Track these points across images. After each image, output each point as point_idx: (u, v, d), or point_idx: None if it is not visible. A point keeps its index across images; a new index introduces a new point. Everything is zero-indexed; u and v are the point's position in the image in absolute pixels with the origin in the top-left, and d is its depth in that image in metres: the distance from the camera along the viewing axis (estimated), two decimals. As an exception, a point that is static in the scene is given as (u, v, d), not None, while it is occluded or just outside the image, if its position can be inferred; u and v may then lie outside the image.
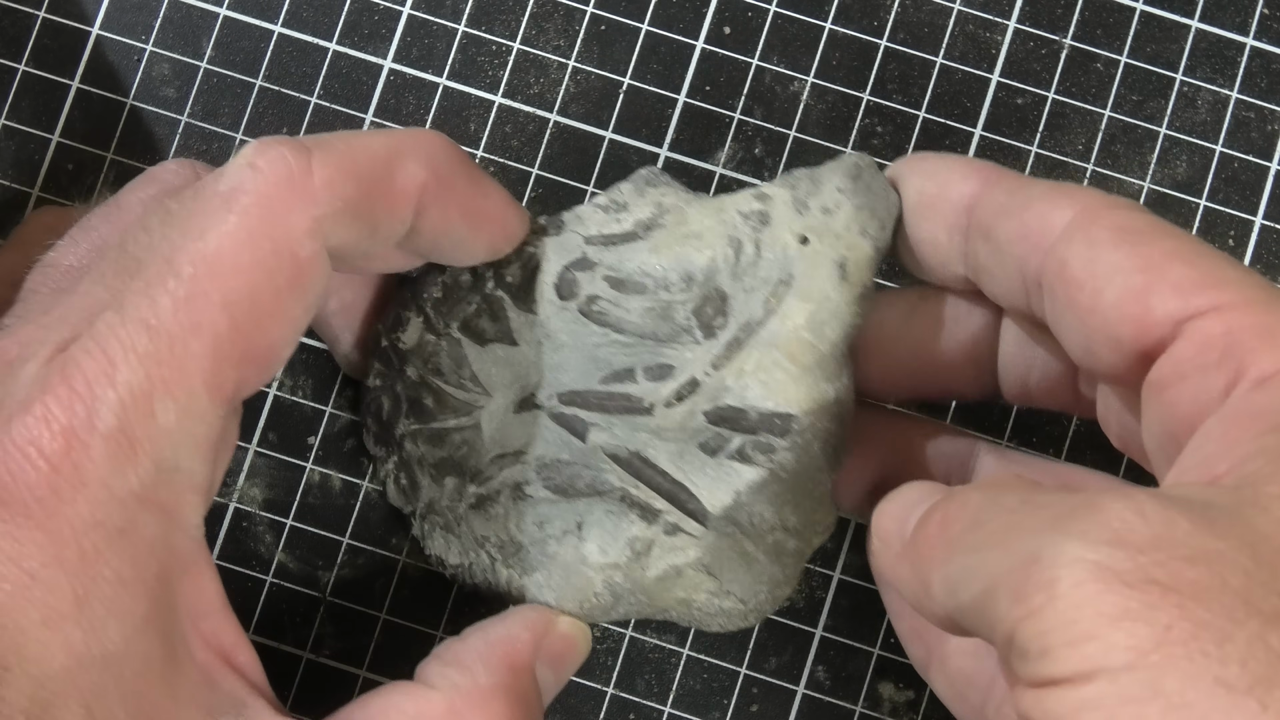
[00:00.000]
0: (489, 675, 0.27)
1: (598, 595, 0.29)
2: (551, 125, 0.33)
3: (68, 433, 0.22)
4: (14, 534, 0.22)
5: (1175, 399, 0.22)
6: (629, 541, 0.28)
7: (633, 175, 0.29)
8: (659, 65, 0.33)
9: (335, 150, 0.24)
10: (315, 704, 0.32)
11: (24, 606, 0.22)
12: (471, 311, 0.29)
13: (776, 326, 0.27)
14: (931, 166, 0.27)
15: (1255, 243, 0.33)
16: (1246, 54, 0.33)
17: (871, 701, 0.32)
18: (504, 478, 0.29)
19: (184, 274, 0.23)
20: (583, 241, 0.28)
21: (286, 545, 0.32)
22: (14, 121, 0.33)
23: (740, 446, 0.28)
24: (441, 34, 0.33)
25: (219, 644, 0.25)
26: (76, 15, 0.33)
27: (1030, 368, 0.28)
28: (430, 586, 0.32)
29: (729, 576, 0.28)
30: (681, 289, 0.28)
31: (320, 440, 0.32)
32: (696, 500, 0.28)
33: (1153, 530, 0.18)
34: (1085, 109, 0.33)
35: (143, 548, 0.23)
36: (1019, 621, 0.19)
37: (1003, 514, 0.20)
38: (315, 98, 0.33)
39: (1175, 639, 0.17)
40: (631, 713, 0.32)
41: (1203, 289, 0.22)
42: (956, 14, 0.33)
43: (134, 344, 0.22)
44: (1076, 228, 0.24)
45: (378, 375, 0.30)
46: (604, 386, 0.29)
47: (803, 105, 0.33)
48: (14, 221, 0.32)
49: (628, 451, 0.28)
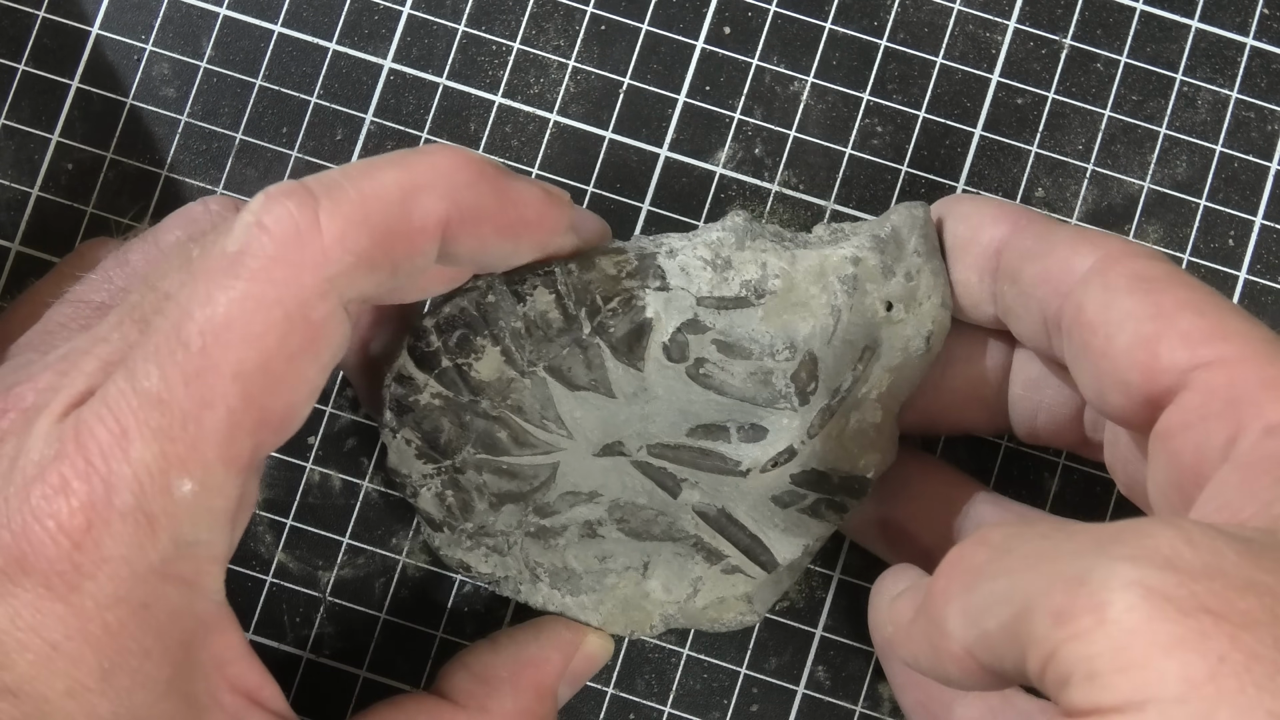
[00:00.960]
0: (516, 700, 0.27)
1: (653, 627, 0.30)
2: (551, 125, 0.33)
3: (88, 509, 0.22)
4: (35, 605, 0.22)
5: (1179, 448, 0.22)
6: (692, 581, 0.29)
7: (727, 221, 0.28)
8: (659, 65, 0.33)
9: (345, 199, 0.23)
10: (315, 704, 0.32)
11: (47, 677, 0.22)
12: (563, 355, 0.28)
13: (862, 394, 0.28)
14: (965, 209, 0.28)
15: (1255, 243, 0.33)
16: (1246, 54, 0.33)
17: (871, 701, 0.32)
18: (573, 515, 0.29)
19: (193, 346, 0.22)
20: (695, 303, 0.28)
21: (286, 545, 0.32)
22: (14, 121, 0.33)
23: (814, 503, 0.29)
24: (441, 34, 0.33)
25: (244, 686, 0.25)
26: (76, 15, 0.33)
27: (1038, 409, 0.29)
28: (430, 586, 0.32)
29: (760, 599, 0.30)
30: (786, 356, 0.28)
31: (320, 440, 0.32)
32: (769, 553, 0.29)
33: (1202, 558, 0.18)
34: (1085, 109, 0.33)
35: (165, 619, 0.23)
36: (1062, 643, 0.18)
37: (1035, 540, 0.20)
38: (315, 98, 0.33)
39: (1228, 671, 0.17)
40: (631, 713, 0.32)
41: (1210, 340, 0.22)
42: (956, 14, 0.33)
43: (147, 419, 0.22)
44: (1095, 273, 0.24)
45: (434, 395, 0.28)
46: (692, 440, 0.29)
47: (803, 105, 0.33)
48: (14, 221, 0.32)
49: (716, 510, 0.29)
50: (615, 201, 0.33)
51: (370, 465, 0.32)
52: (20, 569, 0.22)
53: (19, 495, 0.22)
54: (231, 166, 0.33)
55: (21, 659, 0.22)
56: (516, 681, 0.28)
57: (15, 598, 0.22)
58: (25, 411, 0.24)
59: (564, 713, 0.32)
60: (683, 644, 0.32)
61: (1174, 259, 0.33)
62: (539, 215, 0.26)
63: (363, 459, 0.32)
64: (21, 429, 0.23)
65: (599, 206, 0.32)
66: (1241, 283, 0.33)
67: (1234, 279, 0.33)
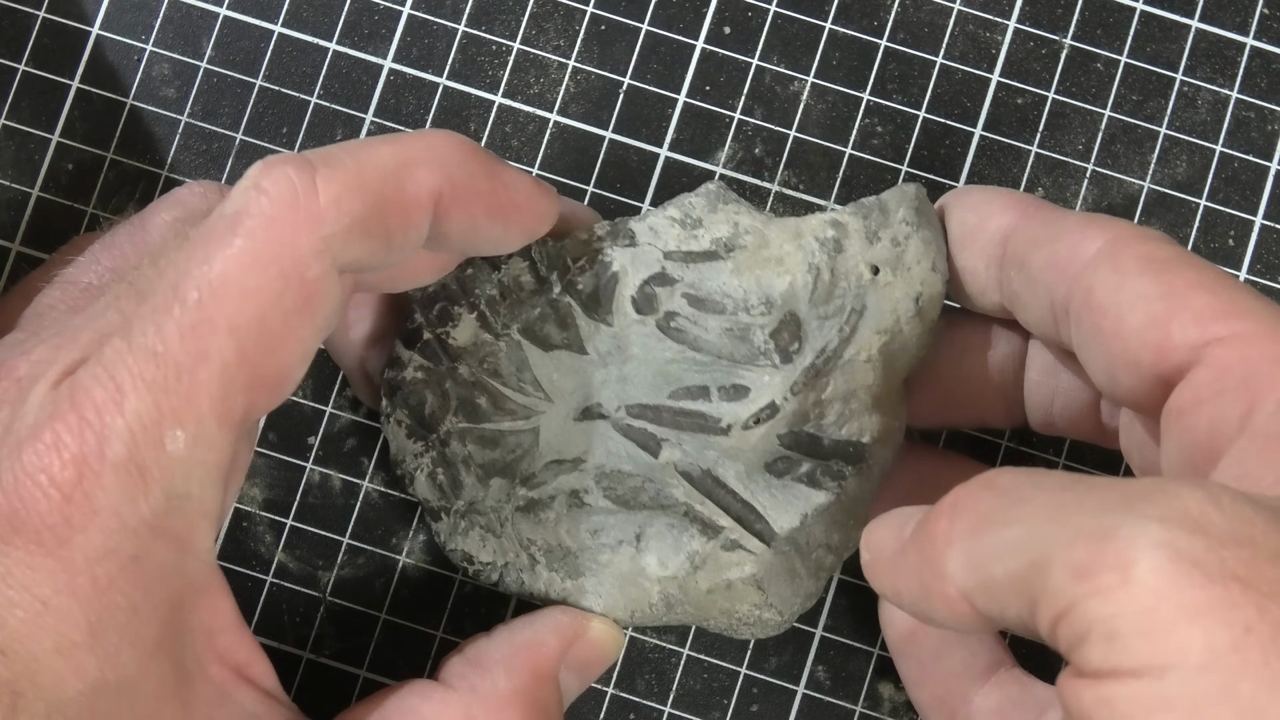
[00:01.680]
0: (509, 680, 0.27)
1: (653, 606, 0.29)
2: (551, 125, 0.33)
3: (79, 461, 0.22)
4: (26, 561, 0.22)
5: (1192, 424, 0.22)
6: (689, 555, 0.28)
7: (701, 190, 0.28)
8: (659, 65, 0.33)
9: (341, 165, 0.23)
10: (315, 704, 0.32)
11: (36, 634, 0.22)
12: (535, 316, 0.29)
13: (851, 356, 0.28)
14: (974, 199, 0.28)
15: (1255, 243, 0.33)
16: (1246, 54, 0.33)
17: (871, 701, 0.32)
18: (559, 484, 0.29)
19: (189, 301, 0.22)
20: (662, 256, 0.28)
21: (286, 545, 0.32)
22: (14, 121, 0.33)
23: (810, 471, 0.28)
24: (441, 34, 0.33)
25: (234, 660, 0.25)
26: (76, 15, 0.33)
27: (1054, 396, 0.29)
28: (430, 586, 0.32)
29: (774, 590, 0.29)
30: (761, 312, 0.28)
31: (320, 440, 0.32)
32: (765, 521, 0.28)
33: (1231, 524, 0.18)
34: (1085, 109, 0.33)
35: (155, 575, 0.23)
36: (1081, 599, 0.18)
37: (1053, 490, 0.20)
38: (315, 98, 0.33)
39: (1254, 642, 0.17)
40: (631, 713, 0.32)
41: (1222, 317, 0.22)
42: (956, 14, 0.33)
43: (142, 373, 0.22)
44: (1104, 256, 0.24)
45: (418, 369, 0.29)
46: (674, 402, 0.28)
47: (803, 105, 0.33)
48: (14, 221, 0.32)
49: (700, 470, 0.28)
50: (615, 201, 0.33)
51: (370, 465, 0.32)
52: (12, 527, 0.22)
53: (11, 455, 0.22)
54: (232, 166, 0.33)
55: (12, 616, 0.22)
56: (510, 664, 0.27)
57: (7, 556, 0.22)
58: (19, 381, 0.24)
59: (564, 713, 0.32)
60: (683, 644, 0.32)
61: (1174, 259, 0.33)
62: (528, 200, 0.26)
63: (363, 459, 0.32)
64: (15, 397, 0.23)
65: (599, 206, 0.33)
66: (1242, 282, 0.33)
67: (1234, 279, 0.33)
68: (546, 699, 0.27)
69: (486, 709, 0.27)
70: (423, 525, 0.32)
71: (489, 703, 0.27)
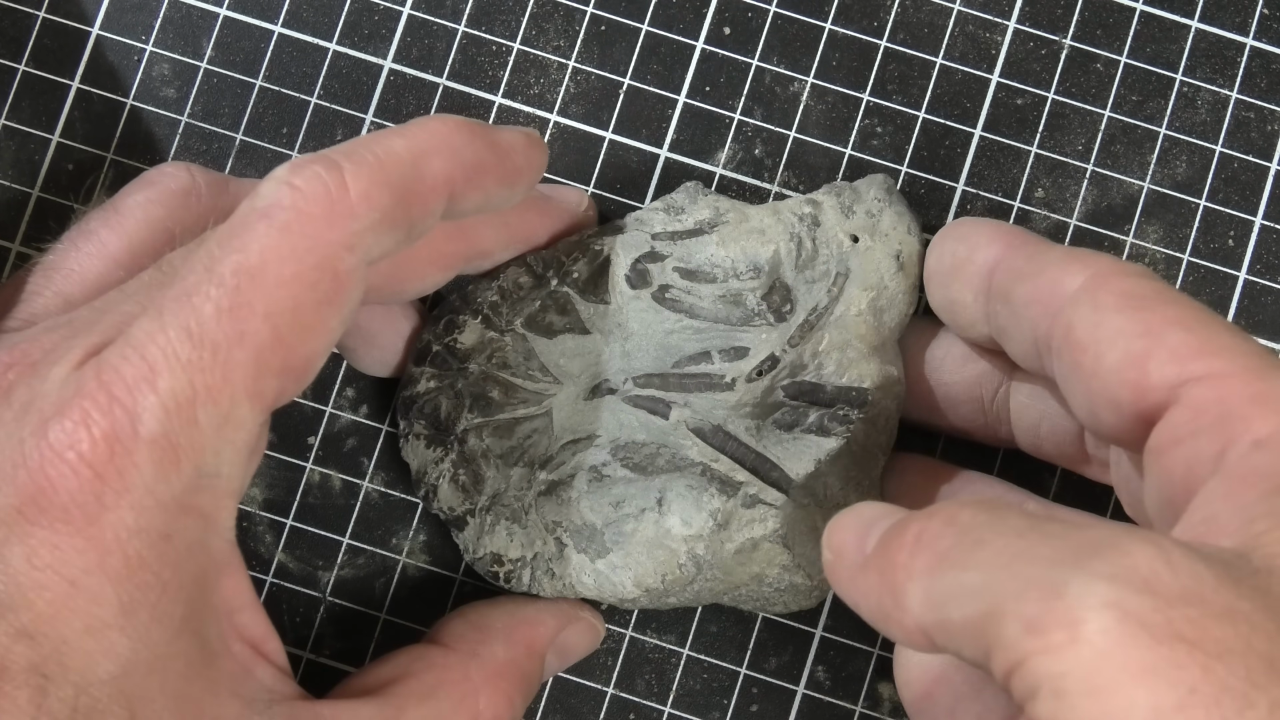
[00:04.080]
0: (507, 650, 0.28)
1: (682, 567, 0.29)
2: (551, 125, 0.33)
3: (110, 438, 0.22)
4: (53, 541, 0.22)
5: (1170, 465, 0.22)
6: (711, 513, 0.29)
7: (681, 188, 0.31)
8: (659, 65, 0.33)
9: (366, 163, 0.24)
10: (315, 704, 0.32)
11: (66, 615, 0.22)
12: (536, 308, 0.30)
13: (842, 311, 0.29)
14: (963, 230, 0.28)
15: (1255, 243, 0.33)
16: (1246, 54, 0.33)
17: (871, 701, 0.32)
18: (577, 462, 0.30)
19: (227, 283, 0.23)
20: (649, 238, 0.30)
21: (286, 545, 0.32)
22: (14, 121, 0.33)
23: (819, 419, 0.29)
24: (441, 34, 0.33)
25: (251, 636, 0.25)
26: (76, 15, 0.33)
27: (1041, 421, 0.29)
28: (430, 586, 0.32)
29: (800, 550, 0.29)
30: (751, 277, 0.30)
31: (320, 440, 0.32)
32: (780, 469, 0.29)
33: (1180, 582, 0.18)
34: (1085, 109, 0.33)
35: (184, 552, 0.23)
36: (1032, 654, 0.18)
37: (1009, 535, 0.20)
38: (315, 98, 0.33)
39: (1198, 703, 0.17)
40: (631, 713, 0.32)
41: (1199, 356, 0.22)
42: (956, 14, 0.33)
43: (176, 351, 0.22)
44: (1084, 292, 0.24)
45: (430, 379, 0.30)
46: (677, 369, 0.30)
47: (803, 105, 0.33)
48: (14, 221, 0.32)
49: (711, 425, 0.29)
50: (615, 202, 0.33)
51: (370, 465, 0.32)
52: (37, 507, 0.22)
53: (35, 434, 0.22)
54: (232, 167, 0.33)
55: (39, 598, 0.22)
56: (510, 634, 0.28)
57: (32, 536, 0.22)
58: (34, 365, 0.24)
59: (564, 713, 0.32)
60: (683, 644, 0.32)
61: (1174, 259, 0.33)
62: (526, 160, 0.27)
63: (363, 459, 0.32)
64: (31, 379, 0.23)
65: (599, 207, 0.32)
66: (1241, 283, 0.33)
67: (1234, 279, 0.33)
68: (533, 673, 0.29)
69: (484, 673, 0.28)
70: (423, 525, 0.32)
71: (487, 668, 0.28)
